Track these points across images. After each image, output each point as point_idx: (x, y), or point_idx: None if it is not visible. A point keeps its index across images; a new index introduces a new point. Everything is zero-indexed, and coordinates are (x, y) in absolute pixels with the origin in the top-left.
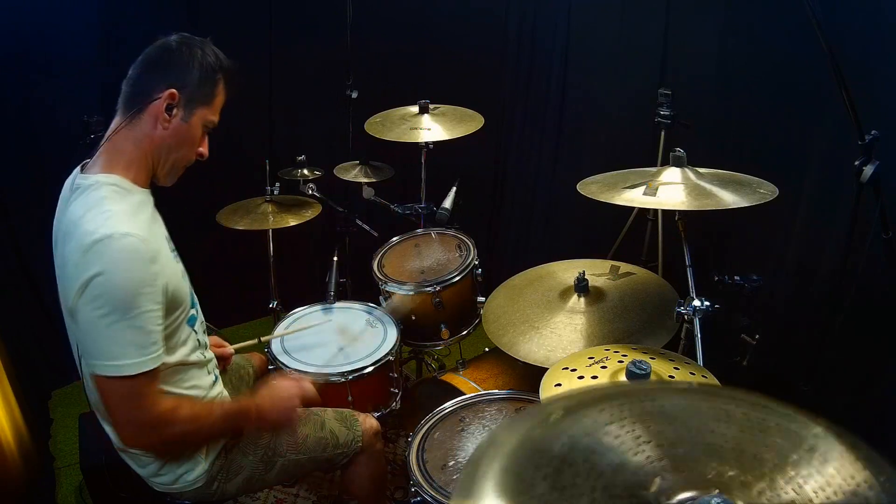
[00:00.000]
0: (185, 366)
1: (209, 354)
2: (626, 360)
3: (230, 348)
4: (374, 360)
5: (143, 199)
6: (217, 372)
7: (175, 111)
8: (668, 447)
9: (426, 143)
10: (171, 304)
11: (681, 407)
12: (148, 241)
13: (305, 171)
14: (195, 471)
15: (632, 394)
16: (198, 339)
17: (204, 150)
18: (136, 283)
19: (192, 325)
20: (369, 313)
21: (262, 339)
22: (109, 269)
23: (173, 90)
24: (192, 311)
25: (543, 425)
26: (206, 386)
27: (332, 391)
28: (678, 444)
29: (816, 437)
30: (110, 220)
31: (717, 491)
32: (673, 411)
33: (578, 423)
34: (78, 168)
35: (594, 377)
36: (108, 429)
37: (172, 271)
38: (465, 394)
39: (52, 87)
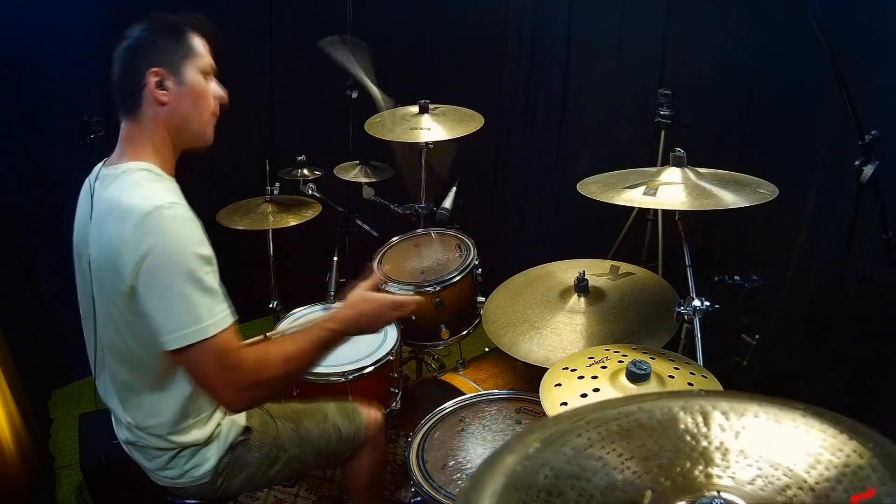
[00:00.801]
0: None
1: None
2: (626, 360)
3: None
4: (374, 360)
5: (175, 186)
6: None
7: (167, 83)
8: (652, 458)
9: (426, 142)
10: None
11: (657, 416)
12: (193, 214)
13: (305, 171)
14: (203, 466)
15: (605, 411)
16: None
17: (220, 92)
18: (193, 247)
19: None
20: None
21: (268, 334)
22: (167, 237)
23: (154, 69)
24: None
25: (524, 461)
26: None
27: (333, 391)
28: (661, 453)
29: (796, 418)
30: (155, 195)
31: (716, 492)
32: (649, 423)
33: (558, 452)
34: (100, 164)
35: (594, 377)
36: (121, 424)
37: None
38: (465, 394)
39: (52, 87)
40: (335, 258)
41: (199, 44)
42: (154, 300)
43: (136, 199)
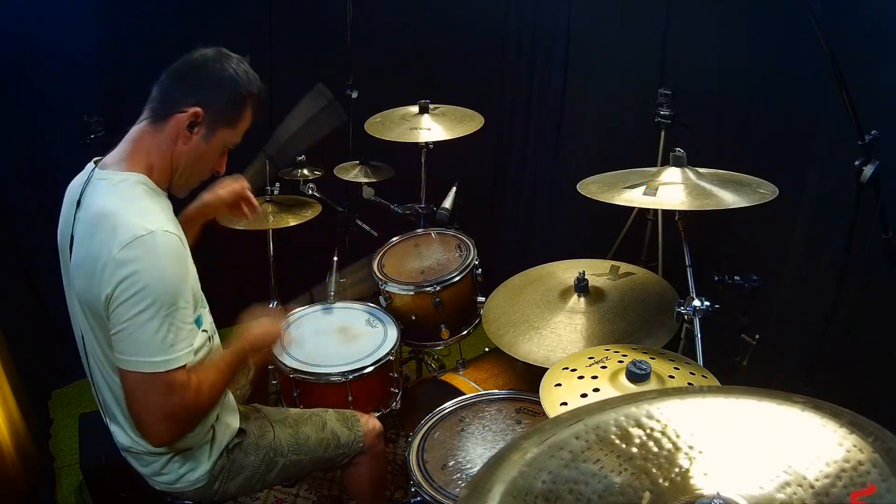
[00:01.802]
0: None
1: (215, 344)
2: (626, 360)
3: None
4: (374, 360)
5: (168, 204)
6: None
7: (197, 129)
8: (650, 460)
9: (426, 143)
10: (194, 305)
11: (655, 416)
12: (184, 242)
13: (305, 171)
14: (197, 470)
15: (602, 413)
16: (208, 336)
17: (220, 168)
18: (178, 280)
19: (199, 327)
20: (369, 313)
21: None
22: (154, 264)
23: (198, 109)
24: (200, 312)
25: (522, 466)
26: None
27: (332, 391)
28: (659, 454)
29: (795, 414)
30: (151, 217)
31: (716, 492)
32: (647, 423)
33: (555, 456)
34: (91, 163)
35: (594, 377)
36: (118, 428)
37: (194, 274)
38: (465, 394)
39: (52, 87)
40: (335, 258)
41: (245, 121)
42: (122, 320)
43: (131, 218)
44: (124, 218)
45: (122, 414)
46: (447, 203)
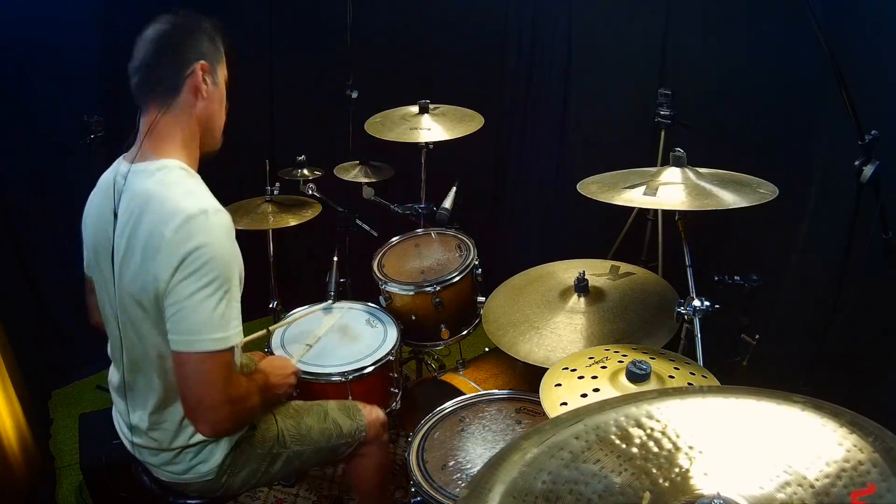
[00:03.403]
0: None
1: None
2: (626, 360)
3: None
4: (374, 360)
5: (204, 184)
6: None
7: (208, 79)
8: (650, 460)
9: (426, 143)
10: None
11: (655, 416)
12: (231, 221)
13: (305, 171)
14: (209, 462)
15: (603, 413)
16: None
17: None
18: (233, 257)
19: None
20: (369, 313)
21: (271, 328)
22: (212, 241)
23: (203, 62)
24: None
25: (522, 467)
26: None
27: (333, 391)
28: (659, 454)
29: (795, 414)
30: (199, 198)
31: (716, 492)
32: (647, 423)
33: (555, 456)
34: (119, 160)
35: (594, 377)
36: (143, 413)
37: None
38: (465, 394)
39: (52, 87)
40: (335, 258)
41: (223, 51)
42: (182, 299)
43: (179, 200)
44: (172, 201)
45: (139, 404)
46: (447, 203)
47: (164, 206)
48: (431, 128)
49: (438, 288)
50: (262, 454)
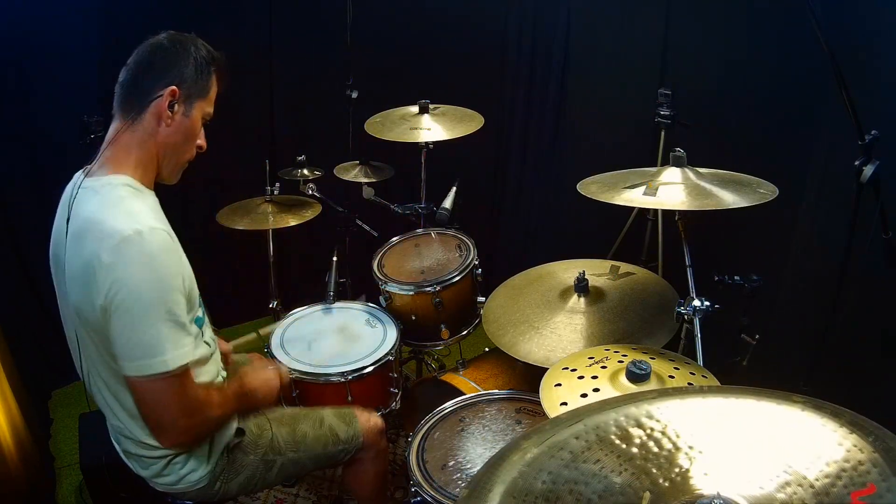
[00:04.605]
0: (197, 363)
1: (214, 347)
2: (626, 360)
3: (228, 345)
4: (374, 360)
5: (154, 201)
6: (222, 369)
7: (177, 107)
8: (650, 460)
9: (426, 143)
10: (189, 303)
11: (655, 416)
12: (173, 236)
13: (305, 171)
14: (198, 471)
15: (602, 413)
16: (205, 341)
17: (202, 142)
18: (170, 276)
19: (200, 326)
20: (369, 313)
21: (261, 331)
22: (145, 263)
23: (174, 87)
24: (199, 312)
25: (522, 467)
26: (213, 378)
27: (332, 391)
28: (659, 454)
29: (795, 414)
30: (136, 217)
31: (716, 492)
32: (647, 423)
33: (555, 456)
34: (79, 172)
35: (594, 377)
36: (119, 434)
37: (189, 270)
38: (465, 394)
39: (51, 87)
40: (335, 258)
41: (213, 90)
42: (121, 325)
43: (117, 222)
44: (109, 223)
45: (123, 419)
46: (447, 203)
47: (101, 228)
48: (431, 128)
49: (438, 288)
50: (257, 460)
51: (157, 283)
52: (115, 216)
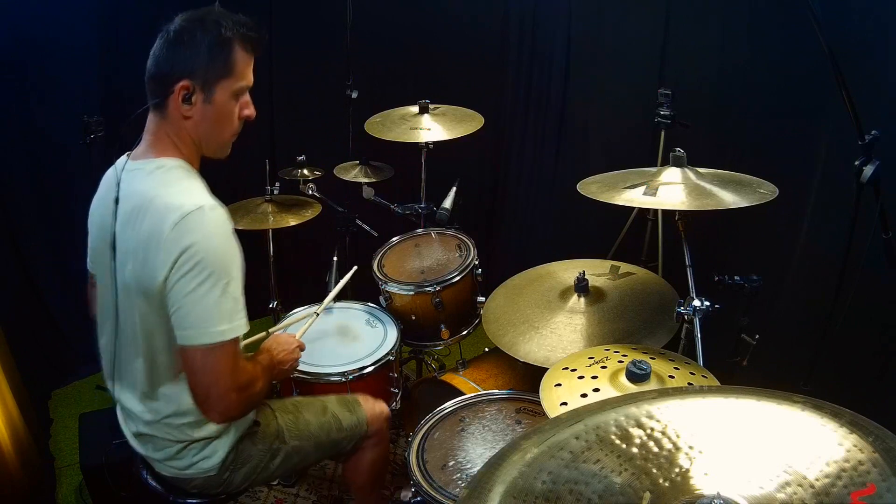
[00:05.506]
0: None
1: None
2: (626, 360)
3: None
4: (374, 360)
5: (204, 183)
6: None
7: (194, 98)
8: (650, 460)
9: (426, 143)
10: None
11: (655, 416)
12: (229, 218)
13: (305, 171)
14: (212, 459)
15: (603, 413)
16: None
17: (249, 111)
18: (230, 252)
19: None
20: (369, 313)
21: (270, 330)
22: (206, 237)
23: (184, 82)
24: None
25: (522, 467)
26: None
27: (332, 391)
28: (659, 454)
29: (795, 414)
30: (196, 194)
31: (716, 492)
32: (648, 423)
33: (555, 456)
34: (124, 157)
35: (594, 377)
36: (149, 405)
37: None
38: (465, 394)
39: (52, 87)
40: (335, 258)
41: (240, 62)
42: (183, 295)
43: (177, 199)
44: (170, 199)
45: (146, 399)
46: (447, 203)
47: (162, 204)
48: (431, 128)
49: (438, 288)
50: (263, 450)
51: (217, 256)
52: (175, 193)
